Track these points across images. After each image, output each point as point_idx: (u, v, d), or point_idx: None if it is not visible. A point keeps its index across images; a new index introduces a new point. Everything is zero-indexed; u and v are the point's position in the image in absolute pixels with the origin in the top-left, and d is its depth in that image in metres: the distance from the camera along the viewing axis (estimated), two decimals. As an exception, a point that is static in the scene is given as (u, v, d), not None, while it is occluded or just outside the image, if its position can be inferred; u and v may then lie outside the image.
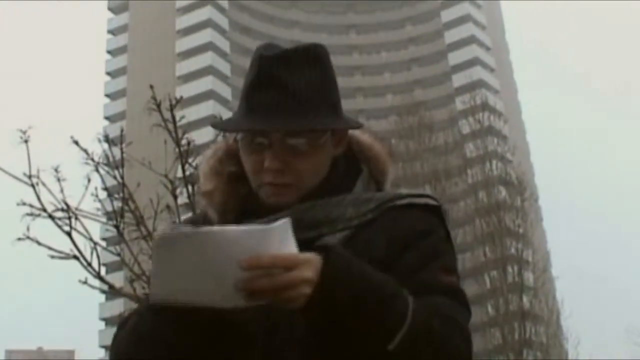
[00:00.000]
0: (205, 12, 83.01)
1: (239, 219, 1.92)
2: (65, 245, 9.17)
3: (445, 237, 1.99)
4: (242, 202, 2.00)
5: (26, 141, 9.41)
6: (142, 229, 9.05)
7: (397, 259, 1.88)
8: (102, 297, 54.27)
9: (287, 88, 1.91)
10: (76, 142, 9.58)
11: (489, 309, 36.08)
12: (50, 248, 9.12)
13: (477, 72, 76.03)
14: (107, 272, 9.68)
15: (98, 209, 10.11)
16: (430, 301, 1.80)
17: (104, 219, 10.05)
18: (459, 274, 2.00)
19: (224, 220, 1.96)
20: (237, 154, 2.02)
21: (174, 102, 9.50)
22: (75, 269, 9.13)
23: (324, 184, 1.97)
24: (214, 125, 2.07)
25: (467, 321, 1.87)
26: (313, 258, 1.67)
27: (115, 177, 9.69)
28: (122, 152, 9.72)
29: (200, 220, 2.05)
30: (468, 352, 1.82)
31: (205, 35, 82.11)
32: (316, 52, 2.00)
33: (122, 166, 9.64)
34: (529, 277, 37.57)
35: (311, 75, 1.96)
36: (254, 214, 1.92)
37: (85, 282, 9.17)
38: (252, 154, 1.94)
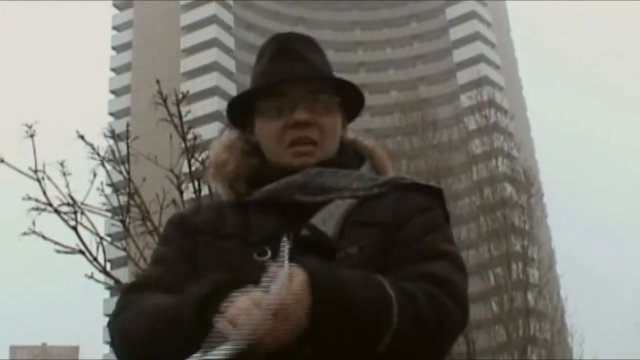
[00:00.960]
0: (210, 9, 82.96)
1: (248, 188, 2.08)
2: (71, 240, 9.17)
3: (445, 217, 2.08)
4: (253, 172, 2.09)
5: (32, 136, 9.42)
6: (148, 223, 9.06)
7: (401, 227, 1.97)
8: (107, 293, 54.28)
9: (306, 58, 2.08)
10: (82, 137, 9.59)
11: (494, 306, 36.02)
12: (55, 243, 9.13)
13: (482, 69, 75.79)
14: (112, 268, 9.68)
15: (104, 204, 10.12)
16: (428, 268, 1.87)
17: (109, 214, 10.05)
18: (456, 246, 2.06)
19: (233, 191, 2.11)
20: (248, 137, 2.15)
21: (180, 97, 9.50)
22: (81, 264, 9.13)
23: (336, 159, 2.08)
24: (238, 96, 2.13)
25: (465, 283, 1.95)
26: (299, 293, 1.67)
27: (121, 172, 9.70)
28: (128, 147, 9.72)
29: (214, 202, 2.17)
30: (464, 317, 1.89)
31: (210, 32, 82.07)
32: (314, 41, 2.19)
33: (128, 161, 9.65)
34: (534, 274, 37.49)
35: (320, 54, 2.16)
36: (265, 182, 2.04)
37: (91, 277, 9.18)
38: (272, 119, 2.06)
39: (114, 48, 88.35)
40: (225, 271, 1.85)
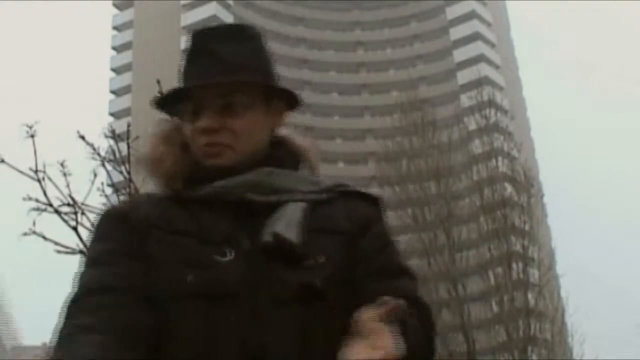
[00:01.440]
0: (211, 9, 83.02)
1: (187, 185, 1.99)
2: (72, 240, 9.17)
3: (387, 226, 2.11)
4: (189, 170, 2.01)
5: (32, 136, 9.42)
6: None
7: (360, 237, 1.99)
8: (107, 293, 54.41)
9: (215, 56, 1.99)
10: (82, 137, 9.59)
11: (494, 306, 36.04)
12: (56, 243, 9.12)
13: (482, 69, 75.83)
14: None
15: (104, 204, 10.13)
16: (400, 286, 1.94)
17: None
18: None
19: (170, 187, 2.01)
20: (181, 130, 2.07)
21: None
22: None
23: (271, 157, 2.04)
24: (156, 101, 2.09)
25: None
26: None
27: (121, 173, 9.70)
28: (128, 148, 9.73)
29: (148, 196, 2.06)
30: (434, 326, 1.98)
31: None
32: (244, 29, 2.11)
33: (129, 161, 9.65)
34: (534, 274, 37.50)
35: (243, 49, 2.05)
36: (202, 180, 1.97)
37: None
38: (188, 121, 2.00)
39: (114, 48, 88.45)
40: (189, 269, 1.82)
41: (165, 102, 2.07)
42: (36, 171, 9.27)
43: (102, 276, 1.85)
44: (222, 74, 1.97)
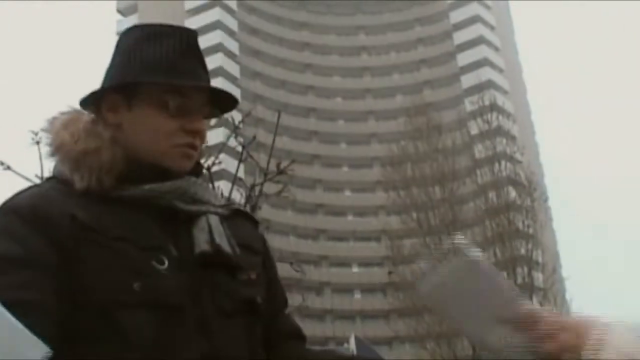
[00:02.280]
0: (215, 14, 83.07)
1: (118, 184, 1.88)
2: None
3: None
4: (133, 168, 1.91)
5: (38, 142, 9.44)
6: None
7: (266, 262, 2.09)
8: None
9: (202, 61, 2.04)
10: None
11: (499, 309, 36.00)
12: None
13: (486, 73, 75.96)
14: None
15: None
16: (296, 323, 2.13)
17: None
18: None
19: (99, 184, 1.87)
20: (103, 122, 1.96)
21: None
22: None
23: (196, 164, 2.05)
24: (128, 79, 1.95)
25: None
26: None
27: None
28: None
29: (60, 190, 1.87)
30: None
31: (215, 37, 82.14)
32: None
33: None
34: (539, 278, 37.49)
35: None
36: (138, 179, 1.89)
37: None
38: (166, 116, 1.93)
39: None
40: (133, 276, 1.74)
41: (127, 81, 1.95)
42: (42, 178, 9.30)
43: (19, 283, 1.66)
44: (209, 82, 2.02)
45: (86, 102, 2.00)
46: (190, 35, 2.05)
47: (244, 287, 1.91)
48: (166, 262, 1.80)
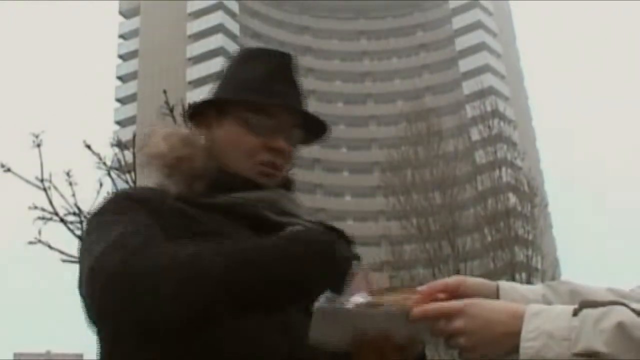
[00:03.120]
0: (217, 17, 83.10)
1: (208, 191, 1.98)
2: (77, 249, 9.20)
3: None
4: (223, 177, 2.02)
5: (39, 145, 9.46)
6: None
7: None
8: (112, 300, 54.17)
9: (296, 85, 2.12)
10: (88, 147, 9.63)
11: (498, 316, 35.97)
12: (61, 252, 9.16)
13: (488, 79, 75.87)
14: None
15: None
16: None
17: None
18: None
19: (191, 190, 1.98)
20: (203, 135, 2.11)
21: (186, 108, 9.53)
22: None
23: (285, 179, 2.13)
24: (223, 97, 2.10)
25: None
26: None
27: (127, 182, 9.72)
28: (134, 157, 9.76)
29: (159, 196, 1.95)
30: None
31: (217, 41, 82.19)
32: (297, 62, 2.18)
33: (134, 170, 9.68)
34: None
35: (299, 81, 2.16)
36: (227, 189, 1.99)
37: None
38: (251, 133, 2.04)
39: (120, 56, 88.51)
40: None
41: (223, 100, 2.09)
42: (42, 180, 9.30)
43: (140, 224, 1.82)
44: (303, 105, 2.10)
45: (189, 116, 2.15)
46: (284, 58, 2.13)
47: None
48: None
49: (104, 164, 9.67)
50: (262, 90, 2.04)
